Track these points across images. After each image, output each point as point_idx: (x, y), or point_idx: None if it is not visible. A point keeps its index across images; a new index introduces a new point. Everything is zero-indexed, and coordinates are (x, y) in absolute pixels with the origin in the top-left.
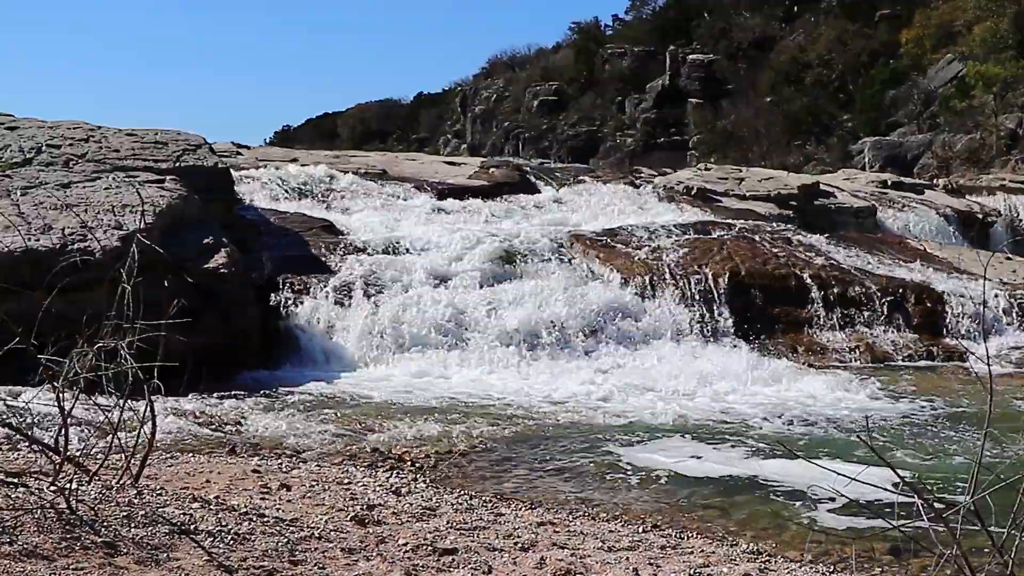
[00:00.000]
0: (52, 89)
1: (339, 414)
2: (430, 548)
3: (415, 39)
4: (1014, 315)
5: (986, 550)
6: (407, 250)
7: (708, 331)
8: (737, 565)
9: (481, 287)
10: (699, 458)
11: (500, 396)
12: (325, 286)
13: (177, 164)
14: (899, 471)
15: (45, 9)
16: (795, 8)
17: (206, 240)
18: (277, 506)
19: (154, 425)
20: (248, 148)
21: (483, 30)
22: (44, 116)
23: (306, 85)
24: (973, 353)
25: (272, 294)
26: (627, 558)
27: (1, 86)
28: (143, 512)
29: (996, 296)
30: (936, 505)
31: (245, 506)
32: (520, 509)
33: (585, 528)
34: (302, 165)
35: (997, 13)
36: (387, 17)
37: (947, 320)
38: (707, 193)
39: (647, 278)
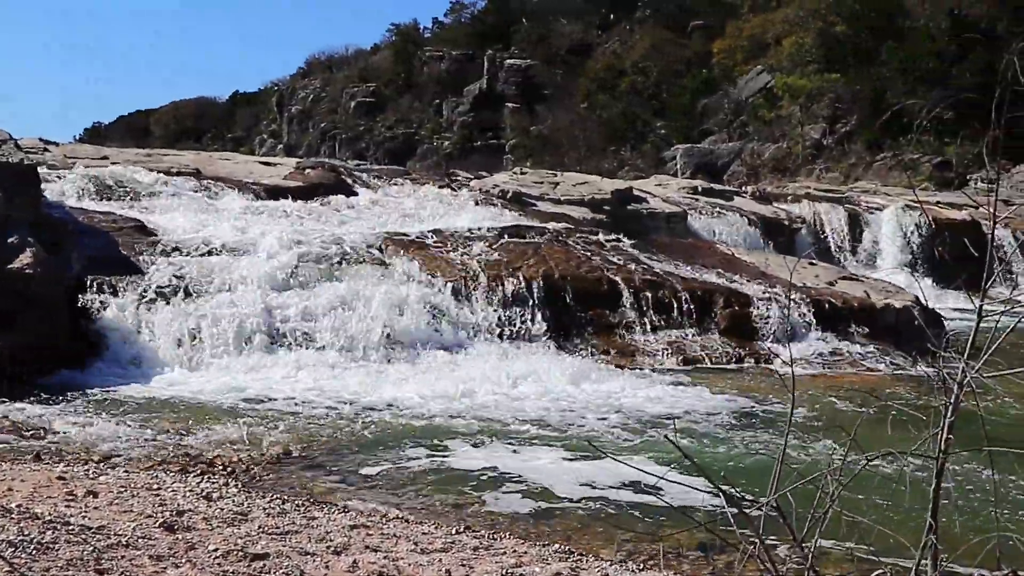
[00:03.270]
0: None
1: (150, 418)
2: (241, 553)
3: (232, 36)
4: (817, 319)
5: (788, 544)
6: (221, 251)
7: (522, 333)
8: (549, 564)
9: (296, 289)
10: (512, 459)
11: (314, 400)
12: (137, 287)
13: None
14: (706, 470)
15: None
16: (611, 16)
17: (11, 240)
18: (83, 513)
19: None
20: (56, 145)
21: (301, 29)
22: None
23: (119, 80)
24: (778, 356)
25: (81, 295)
26: (440, 559)
27: None
28: None
29: (800, 301)
30: (740, 502)
31: (49, 514)
32: (333, 513)
33: (398, 531)
34: (113, 163)
35: (803, 28)
36: (203, 12)
37: (754, 324)
38: (522, 197)
39: (462, 281)
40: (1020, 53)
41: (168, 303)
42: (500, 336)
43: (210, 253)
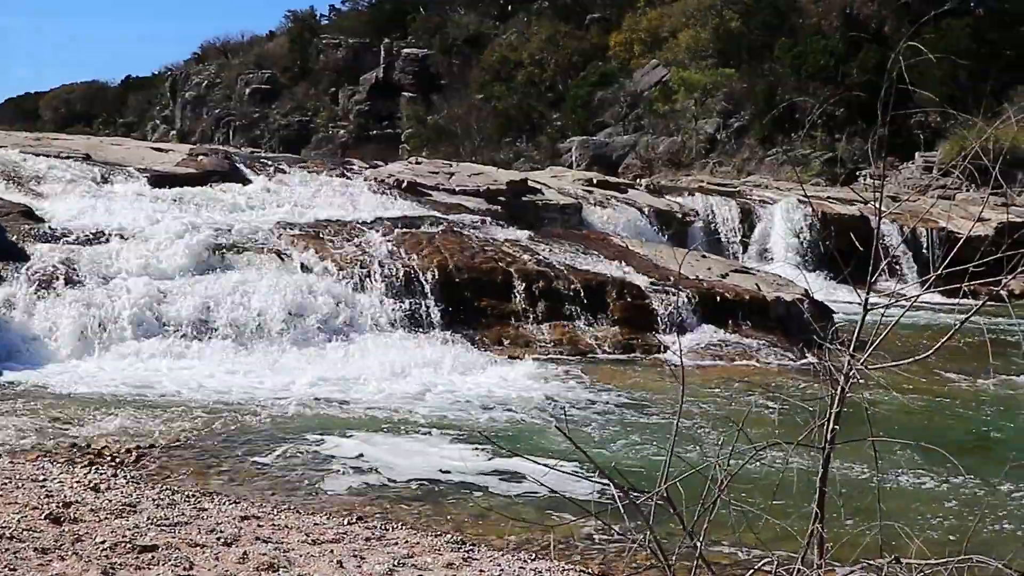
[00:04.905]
0: None
1: (35, 407)
2: (129, 545)
3: (124, 19)
4: (709, 311)
5: (678, 535)
6: (111, 238)
7: (417, 324)
8: (441, 554)
9: (187, 277)
10: (405, 450)
11: (205, 389)
12: (23, 274)
13: None
14: (596, 460)
15: None
16: (509, 7)
17: None
18: None
19: None
20: None
21: (196, 13)
22: None
23: (5, 62)
24: (670, 347)
25: None
26: (331, 550)
27: None
28: None
29: (693, 293)
30: (630, 493)
31: None
32: (224, 504)
33: (290, 521)
34: (0, 147)
35: (700, 22)
36: None
37: (647, 315)
38: (418, 187)
39: (357, 270)
40: (906, 53)
41: (56, 290)
42: (394, 326)
43: (100, 240)
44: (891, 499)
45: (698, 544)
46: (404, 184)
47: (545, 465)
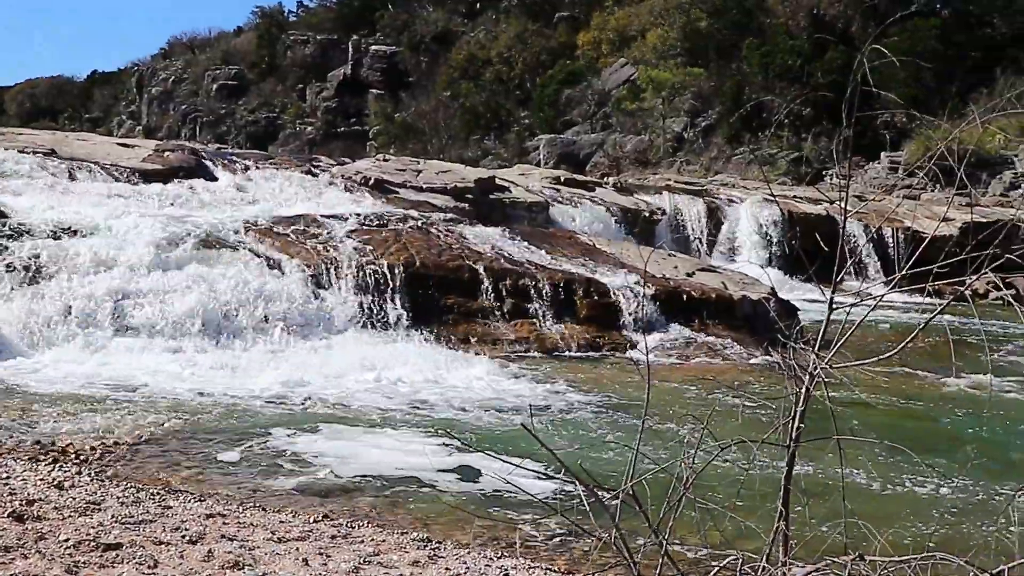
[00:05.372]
0: None
1: None
2: (93, 543)
3: (91, 13)
4: (675, 310)
5: (644, 533)
6: (74, 234)
7: (383, 321)
8: (407, 552)
9: (152, 273)
10: (370, 447)
11: (170, 387)
12: None
13: None
14: (562, 458)
15: None
16: (477, 5)
17: None
18: None
19: None
20: None
21: (163, 8)
22: None
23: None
24: (637, 345)
25: None
26: (297, 548)
27: None
28: None
29: (659, 291)
30: (596, 491)
31: None
32: (189, 501)
33: (255, 519)
34: None
35: (668, 21)
36: None
37: (614, 313)
38: (385, 184)
39: (323, 267)
40: (872, 55)
41: (17, 286)
42: (360, 323)
43: (63, 235)
44: (857, 497)
45: (663, 542)
46: (371, 181)
47: (511, 463)
